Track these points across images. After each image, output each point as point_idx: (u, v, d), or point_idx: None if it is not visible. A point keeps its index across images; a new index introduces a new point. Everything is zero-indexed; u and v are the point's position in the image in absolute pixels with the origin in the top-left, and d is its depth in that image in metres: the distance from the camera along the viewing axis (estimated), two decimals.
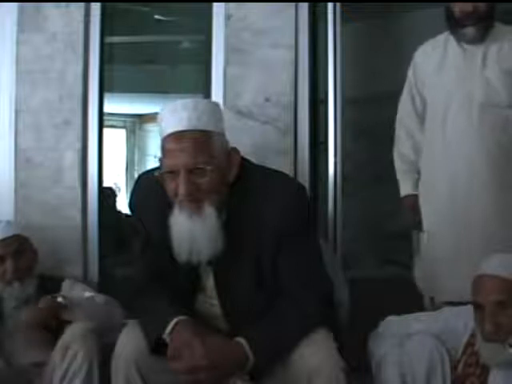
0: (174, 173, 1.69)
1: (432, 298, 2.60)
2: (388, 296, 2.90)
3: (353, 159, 3.82)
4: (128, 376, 1.77)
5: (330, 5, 2.83)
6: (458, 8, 2.50)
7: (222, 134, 1.78)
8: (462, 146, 2.50)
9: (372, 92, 4.57)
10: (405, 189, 2.70)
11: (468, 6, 2.47)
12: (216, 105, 1.86)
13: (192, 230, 1.70)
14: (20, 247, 2.37)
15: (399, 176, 2.72)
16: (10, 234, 2.38)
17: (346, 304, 2.15)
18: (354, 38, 4.16)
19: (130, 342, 1.79)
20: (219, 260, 1.79)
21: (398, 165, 2.73)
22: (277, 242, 1.77)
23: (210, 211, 1.70)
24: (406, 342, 1.96)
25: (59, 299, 2.18)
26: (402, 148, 2.72)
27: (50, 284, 2.40)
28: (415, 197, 2.66)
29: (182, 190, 1.67)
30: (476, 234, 2.47)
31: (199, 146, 1.67)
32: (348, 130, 3.24)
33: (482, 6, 2.47)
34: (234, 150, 1.81)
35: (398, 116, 2.75)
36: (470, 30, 2.49)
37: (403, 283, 2.82)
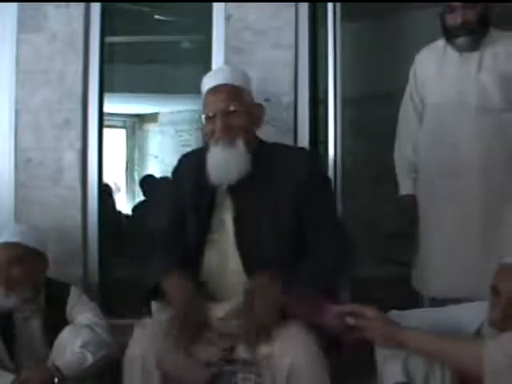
0: (212, 118, 2.03)
1: (433, 299, 2.61)
2: (388, 295, 2.90)
3: (352, 159, 3.82)
4: (146, 373, 1.83)
5: (329, 5, 2.83)
6: (448, 20, 2.52)
7: (251, 92, 2.13)
8: (458, 148, 2.53)
9: (372, 92, 4.57)
10: (404, 188, 2.72)
11: (457, 19, 2.49)
12: (246, 73, 2.19)
13: (225, 156, 2.00)
14: (24, 253, 2.25)
15: (399, 175, 2.74)
16: (14, 239, 2.26)
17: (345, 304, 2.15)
18: (354, 38, 4.16)
19: (144, 340, 1.87)
20: (241, 199, 2.02)
21: (398, 164, 2.75)
22: (297, 193, 1.99)
23: (240, 144, 2.01)
24: None
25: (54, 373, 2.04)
26: (402, 148, 2.74)
27: (57, 292, 2.30)
28: (413, 197, 2.69)
29: (219, 126, 2.01)
30: (471, 231, 2.50)
31: (232, 94, 2.04)
32: (348, 129, 3.24)
33: (471, 16, 2.48)
34: (261, 106, 2.16)
35: (400, 117, 2.77)
36: (462, 41, 2.53)
37: (403, 282, 2.82)
